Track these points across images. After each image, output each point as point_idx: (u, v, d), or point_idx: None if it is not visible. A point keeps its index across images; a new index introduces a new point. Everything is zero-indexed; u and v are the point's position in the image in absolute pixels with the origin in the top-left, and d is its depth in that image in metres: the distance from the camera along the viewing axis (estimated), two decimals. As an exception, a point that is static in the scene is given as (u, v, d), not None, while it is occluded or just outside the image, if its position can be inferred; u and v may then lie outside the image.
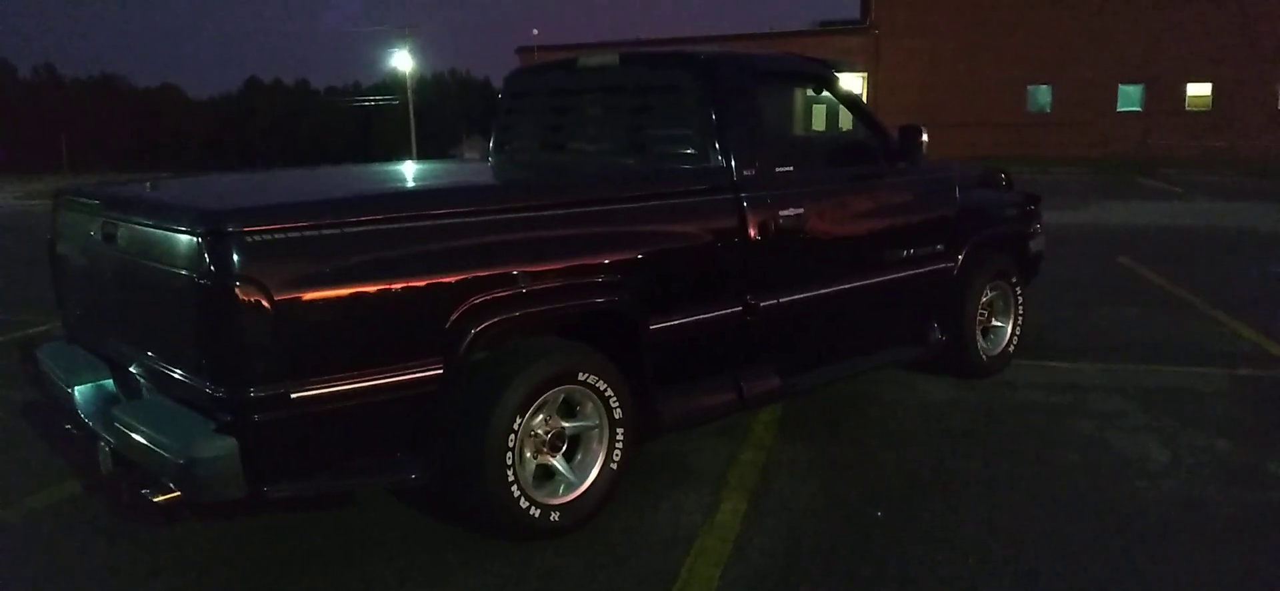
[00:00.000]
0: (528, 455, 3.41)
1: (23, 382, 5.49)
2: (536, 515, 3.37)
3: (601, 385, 3.50)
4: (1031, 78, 36.20)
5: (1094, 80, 35.32)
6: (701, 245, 3.93)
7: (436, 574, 3.26)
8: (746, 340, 4.13)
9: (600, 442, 3.56)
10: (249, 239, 2.82)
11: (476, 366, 3.27)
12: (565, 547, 3.41)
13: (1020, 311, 5.62)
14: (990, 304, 5.49)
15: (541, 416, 3.43)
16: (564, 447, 3.54)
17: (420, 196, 3.71)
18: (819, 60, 5.00)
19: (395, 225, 3.11)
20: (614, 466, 3.58)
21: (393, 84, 46.16)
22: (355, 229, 3.02)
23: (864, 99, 5.08)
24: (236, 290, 2.78)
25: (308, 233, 2.93)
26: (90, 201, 3.66)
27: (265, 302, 2.80)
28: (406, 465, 3.19)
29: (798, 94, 5.38)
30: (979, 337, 5.37)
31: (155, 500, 3.03)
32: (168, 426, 2.99)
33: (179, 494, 2.98)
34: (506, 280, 3.28)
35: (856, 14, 42.18)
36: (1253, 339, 6.41)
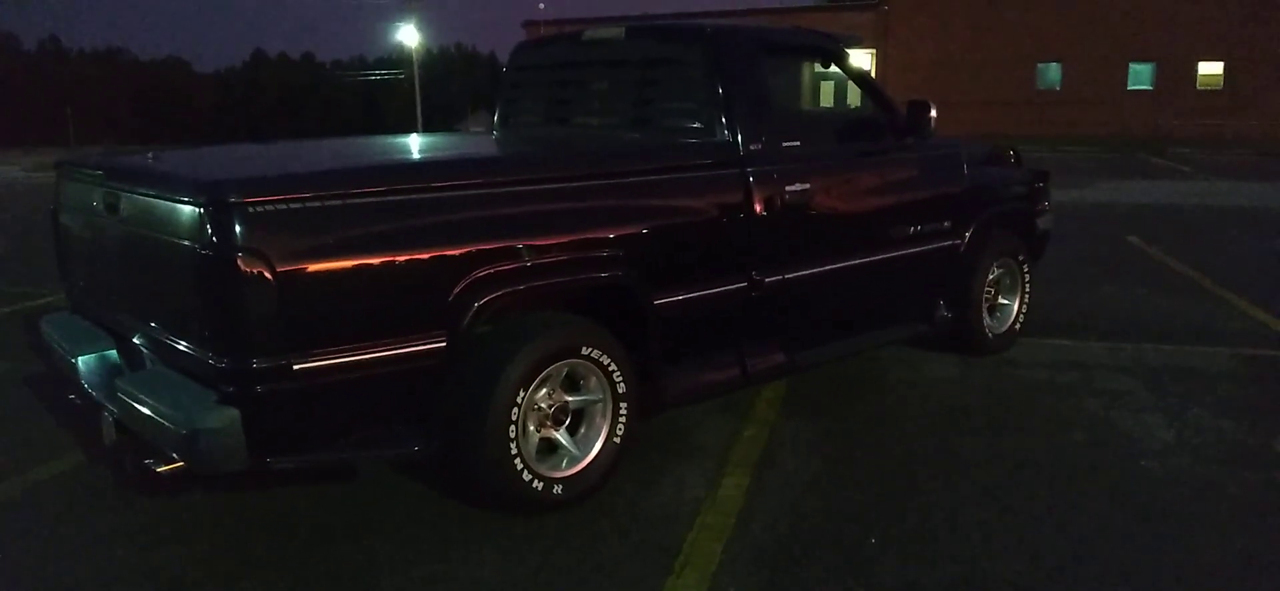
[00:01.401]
0: (531, 428, 3.41)
1: (27, 353, 5.50)
2: (539, 488, 3.37)
3: (605, 359, 3.49)
4: (1041, 55, 35.89)
5: (1104, 58, 35.01)
6: (707, 220, 3.90)
7: (440, 547, 3.26)
8: (751, 316, 4.11)
9: (604, 417, 3.56)
10: (252, 210, 2.80)
11: (480, 340, 3.26)
12: (568, 521, 3.41)
13: (1027, 289, 5.59)
14: (997, 281, 5.46)
15: (545, 390, 3.43)
16: (567, 421, 3.53)
17: (424, 168, 3.69)
18: (828, 34, 4.95)
19: (399, 197, 3.09)
20: (617, 440, 3.58)
21: (399, 58, 46.02)
22: (359, 200, 3.00)
23: (873, 75, 5.03)
24: (239, 261, 2.76)
25: (311, 204, 2.91)
26: (93, 172, 3.64)
27: (268, 274, 2.79)
28: (410, 438, 3.19)
29: (806, 69, 5.34)
30: (985, 315, 5.35)
31: (158, 471, 3.03)
32: (171, 397, 2.99)
33: (182, 465, 2.99)
34: (511, 253, 3.26)
35: (866, -11, 41.78)
36: (1260, 319, 6.37)
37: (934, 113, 4.71)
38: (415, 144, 4.80)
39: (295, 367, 2.88)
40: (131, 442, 3.23)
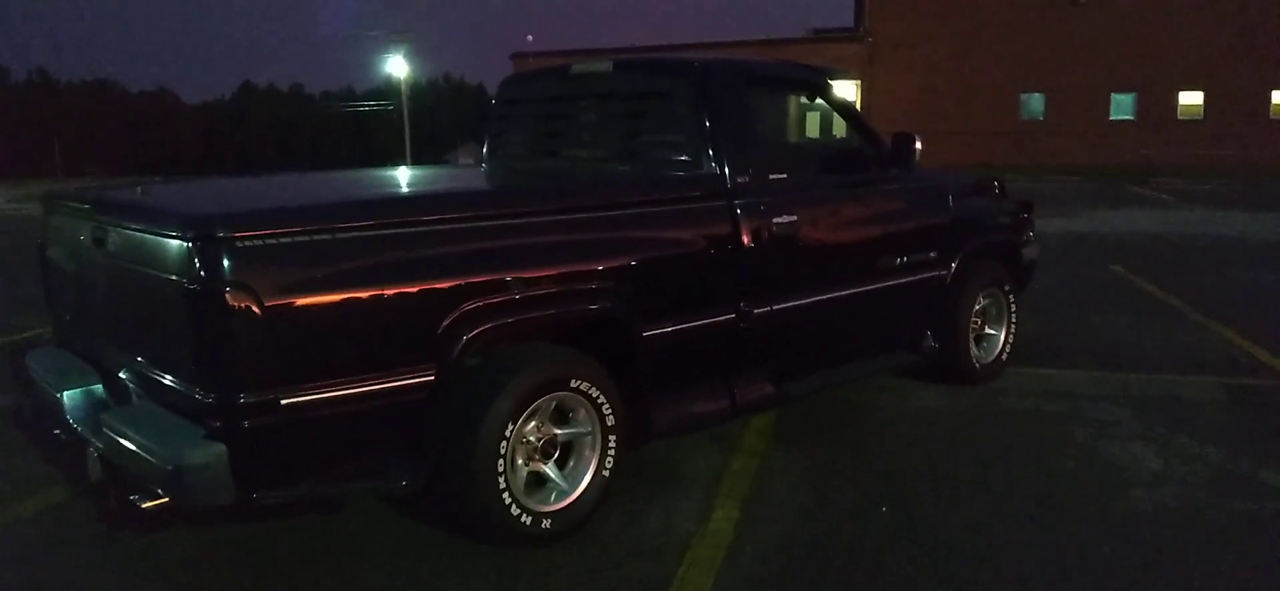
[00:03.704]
0: (520, 462, 3.40)
1: (12, 387, 5.45)
2: (528, 522, 3.35)
3: (594, 392, 3.49)
4: (1024, 85, 36.34)
5: (1086, 88, 35.47)
6: (695, 252, 3.92)
7: (427, 581, 3.24)
8: (740, 347, 4.12)
9: (593, 449, 3.55)
10: (240, 244, 2.80)
11: (469, 373, 3.26)
12: (557, 555, 3.39)
13: (1013, 319, 5.62)
14: (983, 311, 5.49)
15: (534, 423, 3.42)
16: (556, 454, 3.52)
17: (413, 202, 3.70)
18: (813, 67, 5.00)
19: (387, 231, 3.10)
20: (606, 473, 3.57)
21: (387, 89, 46.17)
22: (347, 234, 3.00)
23: (858, 107, 5.08)
24: (227, 295, 2.76)
25: (299, 238, 2.91)
26: (81, 205, 3.64)
27: (256, 308, 2.78)
28: (398, 472, 3.17)
29: (792, 101, 5.38)
30: (972, 345, 5.38)
31: (144, 506, 3.00)
32: (157, 432, 2.97)
33: (168, 500, 2.96)
34: (499, 286, 3.27)
35: (851, 22, 42.30)
36: (1244, 347, 6.42)
37: (919, 144, 4.76)
38: (404, 177, 4.81)
39: (283, 402, 2.87)
40: (117, 478, 3.21)
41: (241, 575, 3.32)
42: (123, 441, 3.03)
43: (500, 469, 3.24)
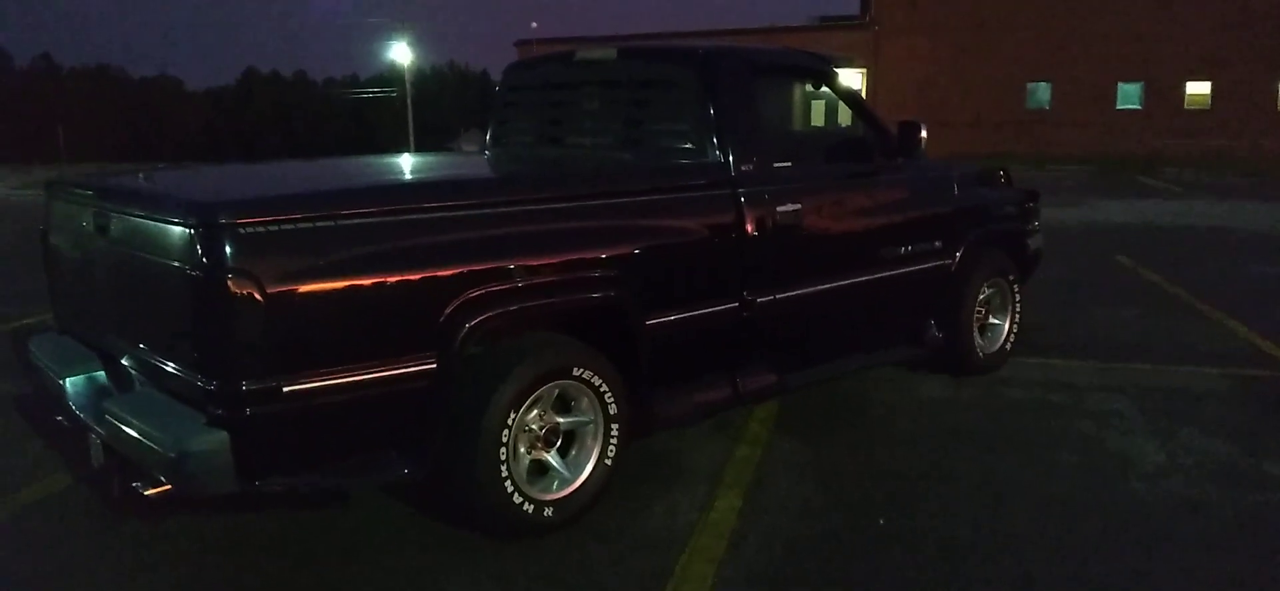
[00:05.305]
0: (522, 450, 3.39)
1: (15, 374, 5.46)
2: (530, 511, 3.35)
3: (597, 380, 3.48)
4: (1031, 75, 36.14)
5: (1093, 78, 35.28)
6: (698, 240, 3.91)
7: (430, 571, 3.24)
8: (743, 336, 4.11)
9: (595, 438, 3.55)
10: (242, 231, 2.79)
11: (471, 361, 3.25)
12: (559, 544, 3.39)
13: (1018, 309, 5.60)
14: (988, 301, 5.47)
15: (536, 411, 3.41)
16: (558, 443, 3.52)
17: (416, 189, 3.69)
18: (818, 55, 4.97)
19: (390, 218, 3.09)
20: (608, 462, 3.56)
21: (391, 76, 46.12)
22: (350, 222, 3.00)
23: (863, 95, 5.06)
24: (229, 283, 2.75)
25: (302, 225, 2.90)
26: (83, 192, 3.63)
27: (258, 295, 2.78)
28: (399, 461, 3.17)
29: (797, 89, 5.35)
30: (976, 335, 5.36)
31: (146, 494, 3.01)
32: (159, 419, 2.97)
33: (170, 488, 2.96)
34: (502, 274, 3.26)
35: (856, 10, 42.10)
36: (1249, 339, 6.40)
37: (924, 133, 4.73)
38: (407, 164, 4.80)
39: (285, 390, 2.86)
40: (119, 465, 3.21)
41: (242, 564, 3.32)
42: (125, 428, 3.03)
43: (502, 457, 3.24)
